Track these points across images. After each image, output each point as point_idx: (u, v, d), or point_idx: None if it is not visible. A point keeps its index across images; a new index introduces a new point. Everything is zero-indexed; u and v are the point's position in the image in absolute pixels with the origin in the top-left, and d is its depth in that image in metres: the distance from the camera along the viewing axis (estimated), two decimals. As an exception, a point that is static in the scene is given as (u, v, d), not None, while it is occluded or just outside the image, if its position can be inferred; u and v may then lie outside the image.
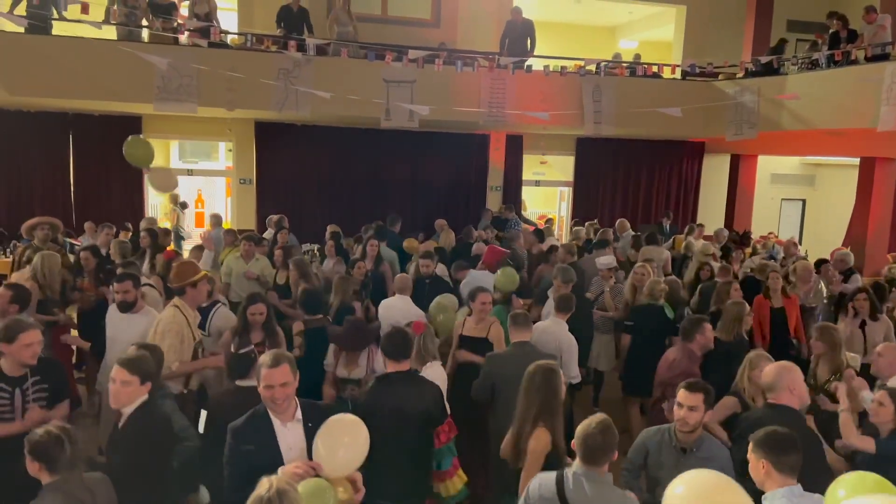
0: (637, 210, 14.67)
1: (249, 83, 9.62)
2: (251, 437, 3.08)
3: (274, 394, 3.06)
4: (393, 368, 3.92)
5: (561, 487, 2.90)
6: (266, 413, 3.14)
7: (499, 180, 14.03)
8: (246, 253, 7.72)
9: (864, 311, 6.28)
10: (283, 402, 3.09)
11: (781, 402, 3.64)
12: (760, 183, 14.75)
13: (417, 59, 9.88)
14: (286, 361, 3.11)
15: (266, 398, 3.09)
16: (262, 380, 3.07)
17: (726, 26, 13.78)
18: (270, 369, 3.05)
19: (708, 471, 2.52)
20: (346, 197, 12.82)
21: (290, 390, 3.12)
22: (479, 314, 5.39)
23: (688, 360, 5.06)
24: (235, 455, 3.07)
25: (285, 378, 3.08)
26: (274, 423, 3.13)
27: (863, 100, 9.38)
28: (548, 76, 11.00)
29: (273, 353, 3.13)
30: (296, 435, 3.13)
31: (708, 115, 11.72)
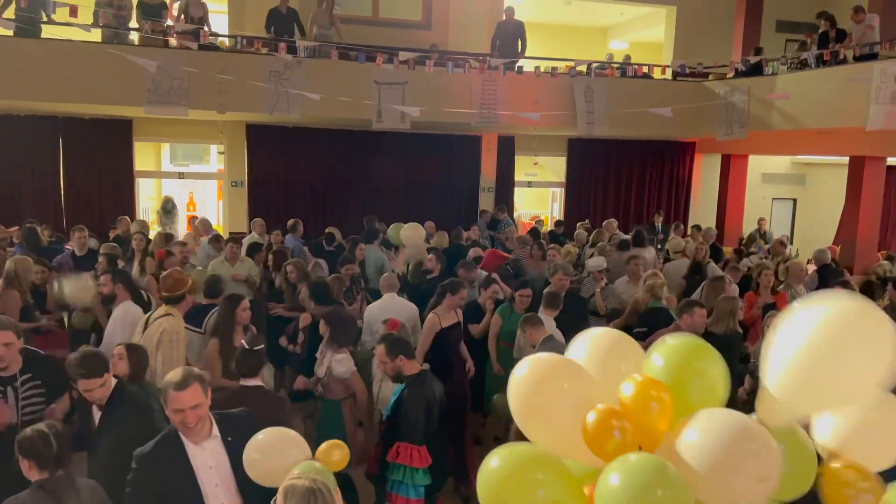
0: (629, 210, 14.72)
1: (240, 85, 9.60)
2: (159, 464, 2.87)
3: (185, 417, 2.83)
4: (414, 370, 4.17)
5: None
6: (176, 434, 2.92)
7: (491, 181, 14.05)
8: (231, 256, 7.67)
9: None
10: (195, 426, 2.88)
11: None
12: (751, 182, 14.81)
13: (408, 60, 9.88)
14: (196, 381, 2.87)
15: (176, 422, 2.87)
16: (170, 402, 2.83)
17: (716, 27, 13.85)
18: (178, 392, 2.82)
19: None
20: (339, 199, 12.81)
21: (203, 411, 2.90)
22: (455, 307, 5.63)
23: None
24: (140, 483, 2.86)
25: (197, 399, 2.85)
26: (186, 445, 2.91)
27: (852, 99, 9.43)
28: (539, 77, 11.03)
29: (182, 373, 2.89)
30: (215, 453, 2.94)
31: (699, 116, 11.76)
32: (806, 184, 16.52)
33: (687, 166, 15.08)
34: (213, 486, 2.93)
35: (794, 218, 16.66)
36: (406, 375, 4.10)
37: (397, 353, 4.09)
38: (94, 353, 3.56)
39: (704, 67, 11.82)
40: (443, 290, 5.65)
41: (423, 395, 3.97)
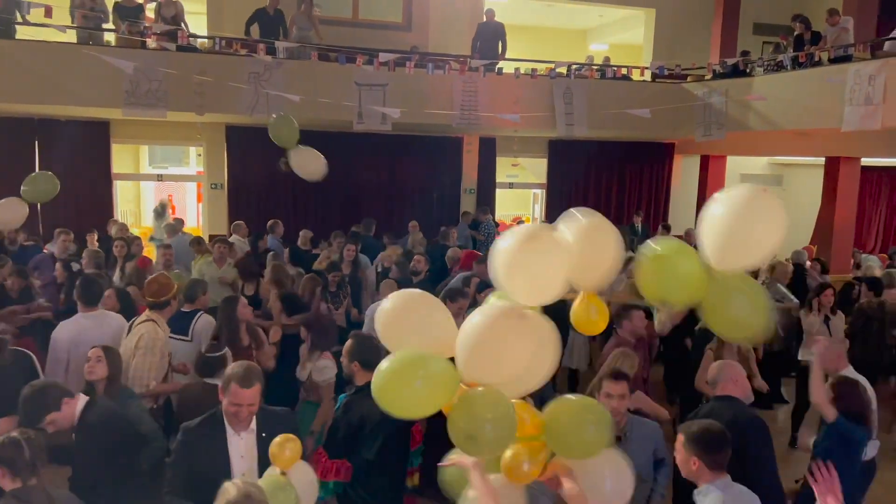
0: (610, 211, 14.78)
1: (219, 87, 9.54)
2: (202, 441, 3.03)
3: (240, 412, 3.02)
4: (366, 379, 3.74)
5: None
6: (222, 419, 3.09)
7: (472, 183, 14.07)
8: (220, 257, 7.61)
9: (828, 306, 6.42)
10: (246, 419, 3.07)
11: (727, 392, 3.82)
12: (730, 183, 14.93)
13: (388, 61, 9.87)
14: (258, 381, 3.05)
15: (230, 413, 3.04)
16: (231, 395, 2.99)
17: (695, 29, 13.97)
18: (243, 389, 2.99)
19: None
20: (320, 201, 12.75)
21: (255, 409, 3.09)
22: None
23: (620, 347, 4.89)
24: (183, 455, 3.03)
25: (255, 399, 3.04)
26: (228, 431, 3.09)
27: (827, 100, 9.57)
28: (518, 79, 11.07)
29: (246, 370, 3.04)
30: (248, 444, 3.09)
31: (678, 117, 11.87)
32: (783, 184, 16.71)
33: (666, 167, 15.21)
34: (239, 474, 3.03)
35: (772, 218, 16.82)
36: (355, 385, 3.86)
37: (354, 359, 3.82)
38: (45, 387, 3.44)
39: (683, 69, 11.94)
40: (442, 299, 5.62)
41: (360, 409, 3.57)
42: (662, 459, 3.79)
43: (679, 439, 3.02)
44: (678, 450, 3.02)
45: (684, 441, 2.98)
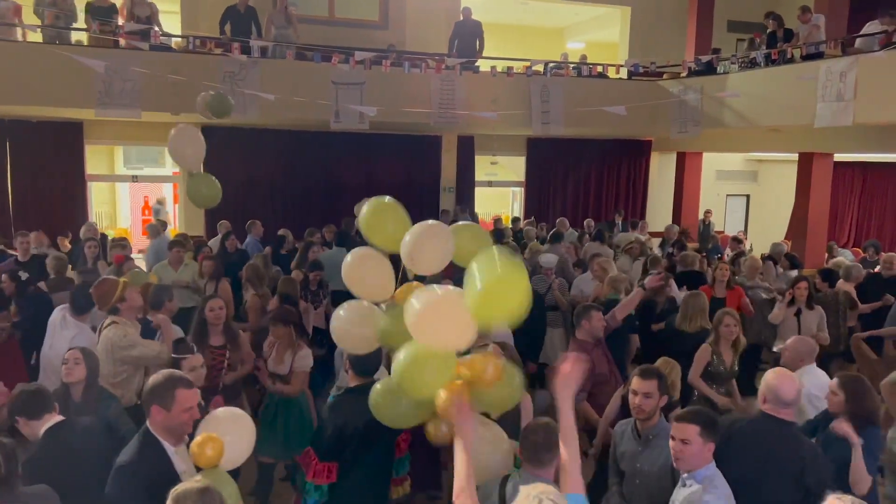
0: (588, 208, 14.89)
1: (194, 87, 9.41)
2: (150, 473, 2.78)
3: (194, 413, 2.87)
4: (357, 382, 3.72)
5: (502, 489, 2.90)
6: (156, 440, 2.87)
7: (452, 181, 14.07)
8: (175, 260, 7.43)
9: (802, 299, 6.48)
10: (191, 425, 2.89)
11: (784, 416, 3.41)
12: (706, 179, 15.11)
13: (365, 60, 9.83)
14: (193, 383, 2.96)
15: (184, 422, 2.85)
16: (180, 402, 2.81)
17: (670, 27, 14.09)
18: (190, 389, 2.87)
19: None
20: (298, 201, 12.69)
21: (197, 412, 2.95)
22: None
23: (578, 349, 4.73)
24: (130, 496, 2.73)
25: (194, 401, 2.90)
26: (168, 450, 2.89)
27: (800, 97, 9.68)
28: (495, 77, 11.09)
29: (176, 373, 2.94)
30: (185, 456, 2.91)
31: (654, 114, 11.96)
32: (759, 180, 16.93)
33: (643, 164, 15.33)
34: None
35: (748, 214, 17.06)
36: (347, 386, 3.84)
37: (350, 361, 3.80)
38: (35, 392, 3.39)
39: (658, 67, 12.02)
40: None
41: (344, 412, 3.55)
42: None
43: (693, 430, 2.93)
44: (693, 440, 2.92)
45: (700, 430, 2.92)
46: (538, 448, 2.84)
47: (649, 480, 3.38)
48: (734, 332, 5.15)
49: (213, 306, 4.94)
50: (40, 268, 7.14)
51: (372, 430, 3.41)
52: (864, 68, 8.77)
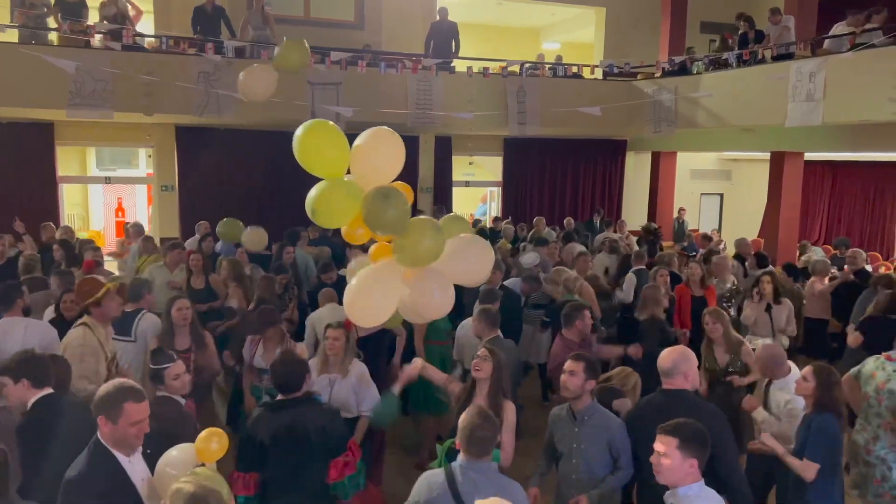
0: (564, 208, 14.99)
1: (168, 87, 9.35)
2: (104, 484, 2.71)
3: (143, 426, 2.81)
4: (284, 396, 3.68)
5: (453, 484, 2.90)
6: (107, 451, 2.78)
7: (429, 182, 14.08)
8: (172, 261, 7.44)
9: (768, 294, 6.59)
10: (141, 436, 2.84)
11: (676, 386, 3.61)
12: (680, 178, 15.28)
13: (340, 60, 9.81)
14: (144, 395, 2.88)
15: (131, 435, 2.78)
16: (129, 415, 2.75)
17: (644, 28, 14.24)
18: (140, 403, 2.79)
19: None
20: (275, 202, 12.59)
21: (146, 425, 2.87)
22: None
23: (566, 349, 4.84)
24: None
25: (144, 414, 2.83)
26: (121, 460, 2.81)
27: (771, 97, 9.84)
28: (471, 77, 11.12)
29: (132, 385, 2.85)
30: (142, 467, 2.88)
31: (629, 114, 12.08)
32: (732, 179, 17.16)
33: (619, 164, 15.47)
34: (147, 500, 2.87)
35: (722, 212, 17.29)
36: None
37: (273, 379, 3.76)
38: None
39: (632, 67, 12.14)
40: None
41: (260, 424, 3.53)
42: (617, 461, 3.60)
43: (671, 443, 2.85)
44: (671, 454, 2.84)
45: (680, 444, 2.83)
46: (484, 442, 2.94)
47: (588, 458, 3.58)
48: (716, 329, 5.23)
49: (180, 306, 4.88)
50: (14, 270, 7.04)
51: (286, 443, 3.44)
52: (833, 69, 8.94)
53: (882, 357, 4.50)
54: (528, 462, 4.21)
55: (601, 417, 3.68)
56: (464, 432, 2.94)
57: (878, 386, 4.38)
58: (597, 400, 3.78)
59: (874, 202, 14.94)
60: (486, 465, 2.96)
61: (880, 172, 14.52)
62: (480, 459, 2.94)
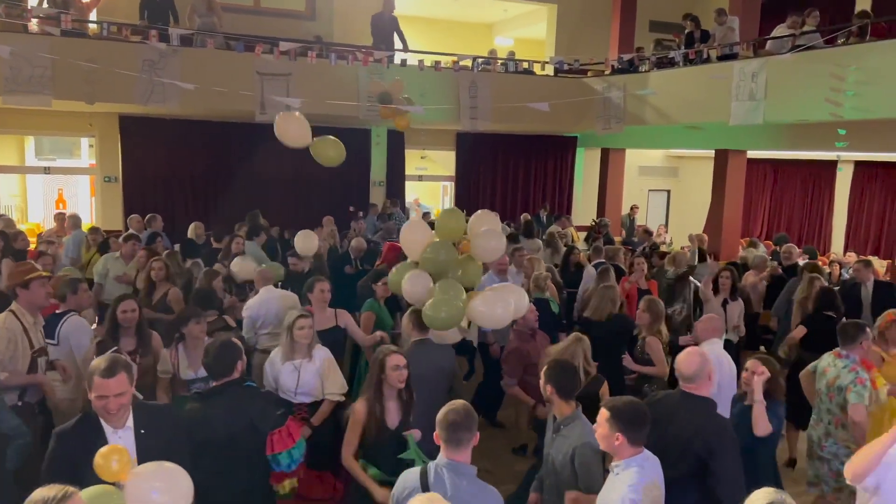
0: (516, 202, 15.11)
1: (111, 75, 9.07)
2: (78, 443, 2.85)
3: (108, 404, 2.86)
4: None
5: (424, 480, 2.89)
6: (97, 418, 2.93)
7: (382, 175, 14.01)
8: (128, 253, 7.22)
9: (726, 289, 6.76)
10: (116, 412, 2.91)
11: (702, 393, 3.59)
12: (629, 175, 15.56)
13: (289, 51, 9.67)
14: (123, 370, 2.90)
15: (98, 408, 2.88)
16: (95, 388, 2.85)
17: (595, 26, 14.42)
18: (105, 379, 2.84)
19: None
20: (222, 194, 12.37)
21: (126, 400, 2.93)
22: (320, 303, 5.35)
23: (519, 341, 5.35)
24: (58, 462, 2.84)
25: (121, 388, 2.88)
26: (105, 429, 2.93)
27: (716, 96, 10.08)
28: (423, 71, 11.09)
29: (109, 360, 2.91)
30: (127, 443, 2.92)
31: (579, 111, 12.23)
32: (679, 176, 17.55)
33: (569, 160, 15.67)
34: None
35: (669, 208, 17.68)
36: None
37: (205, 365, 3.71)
38: None
39: (582, 64, 12.29)
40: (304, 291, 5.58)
41: (198, 412, 3.51)
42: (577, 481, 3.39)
43: (603, 414, 3.00)
44: (601, 424, 2.99)
45: (609, 416, 2.97)
46: (457, 428, 2.86)
47: (556, 467, 3.50)
48: (642, 317, 5.42)
49: (125, 307, 4.74)
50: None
51: (212, 435, 3.41)
52: (774, 69, 9.21)
53: (833, 354, 4.66)
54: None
55: (580, 427, 3.46)
56: (442, 424, 2.89)
57: (829, 382, 4.53)
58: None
59: (812, 199, 15.45)
60: (464, 467, 2.87)
61: (817, 171, 15.03)
62: (456, 453, 2.87)
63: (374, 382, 3.73)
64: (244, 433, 3.49)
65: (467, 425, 2.88)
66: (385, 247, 8.27)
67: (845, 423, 4.42)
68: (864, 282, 7.27)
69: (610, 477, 3.05)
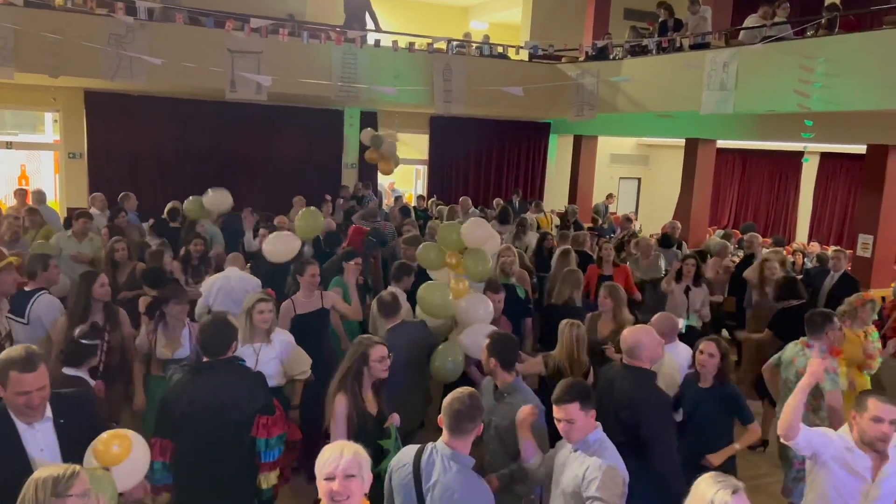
0: (489, 188, 15.13)
1: (76, 48, 8.85)
2: None
3: (30, 400, 2.69)
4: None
5: (418, 458, 2.91)
6: (7, 413, 2.73)
7: (354, 157, 13.91)
8: (80, 231, 7.04)
9: (690, 276, 6.86)
10: (39, 407, 2.74)
11: (637, 364, 3.78)
12: (600, 162, 15.66)
13: (260, 28, 9.51)
14: (41, 361, 2.75)
15: (18, 404, 2.70)
16: (14, 384, 2.66)
17: (570, 12, 14.41)
18: (25, 374, 2.67)
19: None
20: (190, 173, 12.16)
21: (47, 392, 2.77)
22: (309, 286, 5.27)
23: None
24: None
25: (43, 381, 2.73)
26: (18, 426, 2.74)
27: (687, 85, 10.15)
28: (396, 52, 11.00)
29: (24, 352, 2.73)
30: (46, 435, 2.78)
31: (553, 97, 12.24)
32: (650, 164, 17.72)
33: (542, 146, 15.71)
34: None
35: (639, 196, 17.85)
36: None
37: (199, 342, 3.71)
38: None
39: (556, 50, 12.29)
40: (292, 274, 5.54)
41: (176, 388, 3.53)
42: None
43: (573, 408, 3.02)
44: (575, 416, 3.02)
45: (581, 405, 3.01)
46: (460, 417, 2.86)
47: (500, 432, 3.60)
48: (605, 303, 5.43)
49: (102, 282, 4.66)
50: None
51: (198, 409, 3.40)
52: (745, 59, 9.30)
53: (800, 344, 4.76)
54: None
55: (521, 394, 3.67)
56: (446, 412, 2.89)
57: (798, 371, 4.60)
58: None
59: (779, 189, 15.73)
60: (461, 456, 2.85)
61: (785, 161, 15.28)
62: (457, 440, 2.87)
63: (353, 373, 3.60)
64: (229, 410, 3.43)
65: (471, 415, 2.88)
66: (351, 230, 8.21)
67: (815, 408, 4.52)
68: (837, 270, 7.44)
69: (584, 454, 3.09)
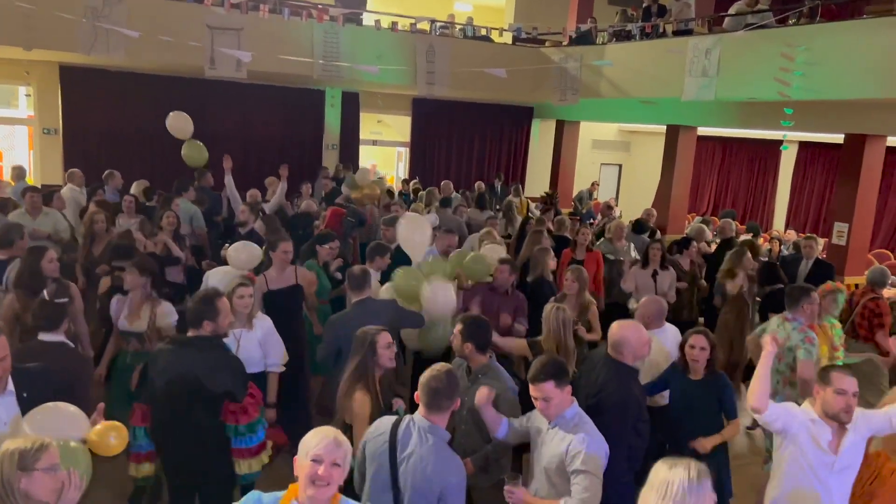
0: (471, 171, 15.10)
1: (51, 20, 8.63)
2: None
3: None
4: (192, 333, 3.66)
5: (395, 429, 2.92)
6: None
7: (335, 138, 13.80)
8: (32, 207, 6.86)
9: (656, 260, 6.92)
10: (2, 377, 2.74)
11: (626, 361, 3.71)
12: (582, 148, 15.68)
13: (241, 4, 9.36)
14: (3, 333, 2.77)
15: None
16: None
17: (555, -5, 14.34)
18: None
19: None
20: (167, 150, 11.93)
21: (9, 363, 2.77)
22: (282, 263, 5.26)
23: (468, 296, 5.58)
24: None
25: (5, 351, 2.72)
26: None
27: (670, 71, 10.17)
28: (379, 31, 10.89)
29: None
30: (9, 409, 2.78)
31: (536, 80, 12.20)
32: (631, 150, 17.78)
33: (524, 130, 15.70)
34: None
35: (620, 182, 17.92)
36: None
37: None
38: None
39: (539, 33, 12.24)
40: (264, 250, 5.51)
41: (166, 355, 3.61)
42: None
43: (549, 386, 3.07)
44: (552, 394, 3.07)
45: (556, 383, 3.06)
46: (438, 395, 2.87)
47: (473, 413, 3.63)
48: (572, 287, 5.46)
49: (50, 257, 4.60)
50: None
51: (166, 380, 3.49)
52: (727, 47, 9.33)
53: (781, 317, 4.86)
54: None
55: (494, 375, 3.74)
56: (423, 389, 2.89)
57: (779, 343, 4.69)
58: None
59: (757, 177, 15.86)
60: (437, 430, 2.87)
61: (763, 149, 15.40)
62: (434, 415, 2.88)
63: (367, 367, 3.50)
64: (193, 386, 3.46)
65: (448, 393, 2.89)
66: (328, 212, 8.13)
67: (793, 382, 4.62)
68: (809, 257, 7.54)
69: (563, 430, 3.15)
